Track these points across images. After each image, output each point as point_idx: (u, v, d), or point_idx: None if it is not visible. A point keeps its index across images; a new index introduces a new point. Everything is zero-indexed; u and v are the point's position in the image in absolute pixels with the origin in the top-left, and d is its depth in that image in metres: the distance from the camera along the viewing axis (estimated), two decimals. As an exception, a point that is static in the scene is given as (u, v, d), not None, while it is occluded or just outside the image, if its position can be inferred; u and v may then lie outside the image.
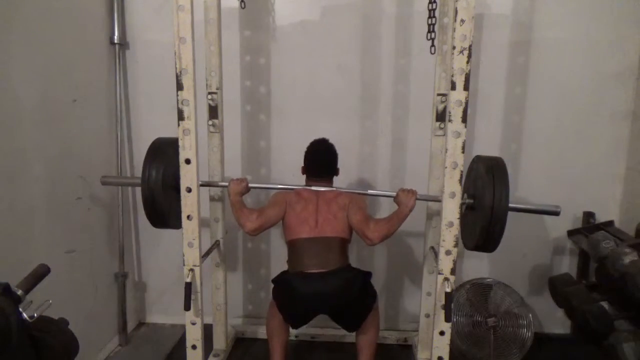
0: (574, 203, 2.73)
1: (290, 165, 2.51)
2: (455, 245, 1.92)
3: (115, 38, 2.65)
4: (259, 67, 2.77)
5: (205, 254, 2.31)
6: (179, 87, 1.90)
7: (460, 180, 1.87)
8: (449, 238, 1.91)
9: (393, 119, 2.78)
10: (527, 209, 2.16)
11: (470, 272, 2.82)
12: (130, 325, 2.93)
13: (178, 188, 2.01)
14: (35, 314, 1.10)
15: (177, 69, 1.88)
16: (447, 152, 1.85)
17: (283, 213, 2.25)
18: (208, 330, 2.42)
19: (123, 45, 2.71)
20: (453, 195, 1.88)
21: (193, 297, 2.07)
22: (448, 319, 1.93)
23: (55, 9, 2.20)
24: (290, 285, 2.17)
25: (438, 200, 2.05)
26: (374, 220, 2.18)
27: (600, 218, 2.73)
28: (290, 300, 2.20)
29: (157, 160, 2.08)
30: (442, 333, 2.00)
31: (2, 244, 1.87)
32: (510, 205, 1.94)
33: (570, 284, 2.48)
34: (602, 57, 2.65)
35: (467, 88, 1.78)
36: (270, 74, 2.77)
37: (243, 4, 2.45)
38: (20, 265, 1.29)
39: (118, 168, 2.73)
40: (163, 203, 2.09)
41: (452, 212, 1.90)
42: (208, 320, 2.41)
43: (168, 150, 2.09)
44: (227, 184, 2.24)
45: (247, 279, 3.04)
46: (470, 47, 1.76)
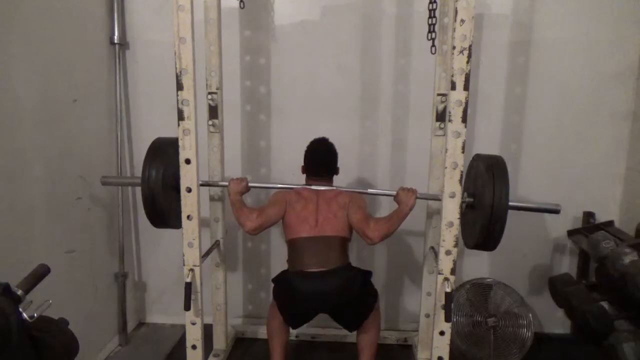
0: (574, 203, 2.72)
1: (290, 165, 2.51)
2: (455, 245, 1.92)
3: (115, 38, 2.65)
4: (259, 67, 2.77)
5: (205, 254, 2.31)
6: (179, 87, 1.90)
7: (460, 181, 1.87)
8: (449, 238, 1.91)
9: (393, 119, 2.78)
10: (527, 207, 2.15)
11: (470, 272, 2.82)
12: (130, 325, 2.93)
13: (178, 188, 2.01)
14: (35, 314, 1.10)
15: (177, 69, 1.88)
16: (447, 152, 1.86)
17: (283, 212, 2.25)
18: (208, 330, 2.43)
19: (123, 45, 2.71)
20: (453, 195, 1.88)
21: (193, 297, 2.07)
22: (448, 319, 1.93)
23: (55, 9, 2.20)
24: (291, 285, 2.17)
25: (438, 199, 2.05)
26: (374, 220, 2.18)
27: (600, 218, 2.73)
28: (291, 300, 2.20)
29: (157, 160, 2.08)
30: (442, 333, 2.00)
31: (2, 244, 1.87)
32: (510, 204, 1.94)
33: (570, 284, 2.48)
34: (602, 57, 2.65)
35: (467, 88, 1.78)
36: (270, 74, 2.77)
37: (242, 4, 2.45)
38: (20, 265, 1.29)
39: (118, 168, 2.73)
40: (163, 203, 2.09)
41: (452, 212, 1.90)
42: (208, 320, 2.41)
43: (168, 150, 2.09)
44: (227, 184, 2.24)
45: (247, 279, 3.04)
46: (470, 47, 1.76)
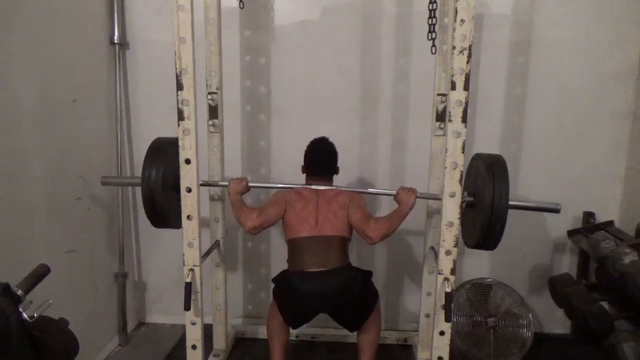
0: (574, 203, 2.72)
1: (290, 165, 2.51)
2: (455, 245, 1.92)
3: (115, 38, 2.65)
4: (259, 67, 2.77)
5: (205, 254, 2.31)
6: (179, 87, 1.90)
7: (460, 181, 1.87)
8: (449, 238, 1.91)
9: (393, 119, 2.78)
10: (527, 207, 2.15)
11: (470, 272, 2.82)
12: (130, 325, 2.93)
13: (178, 188, 2.01)
14: (35, 314, 1.10)
15: (177, 69, 1.88)
16: (447, 152, 1.86)
17: (283, 212, 2.25)
18: (208, 330, 2.43)
19: (123, 45, 2.71)
20: (453, 195, 1.88)
21: (193, 297, 2.07)
22: (448, 319, 1.93)
23: (55, 9, 2.20)
24: (291, 284, 2.17)
25: (438, 199, 2.05)
26: (374, 219, 2.18)
27: (600, 218, 2.73)
28: (291, 299, 2.20)
29: (157, 160, 2.08)
30: (442, 333, 2.00)
31: (2, 244, 1.87)
32: (511, 203, 1.94)
33: (570, 284, 2.48)
34: (602, 57, 2.65)
35: (467, 88, 1.78)
36: (270, 74, 2.77)
37: (242, 4, 2.45)
38: (20, 265, 1.29)
39: (118, 168, 2.73)
40: (163, 203, 2.09)
41: (452, 212, 1.90)
42: (208, 320, 2.41)
43: (168, 150, 2.09)
44: (227, 184, 2.24)
45: (247, 279, 3.04)
46: (470, 47, 1.76)
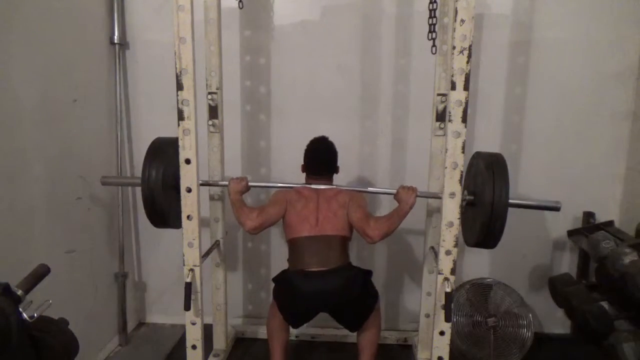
0: (574, 203, 2.72)
1: (290, 165, 2.50)
2: (455, 245, 1.92)
3: (115, 38, 2.65)
4: (259, 67, 2.77)
5: (205, 254, 2.31)
6: (179, 87, 1.90)
7: (461, 181, 1.87)
8: (449, 238, 1.91)
9: (393, 119, 2.78)
10: (527, 205, 2.14)
11: (470, 272, 2.82)
12: (130, 325, 2.93)
13: (178, 188, 2.01)
14: (35, 314, 1.10)
15: (177, 69, 1.88)
16: (447, 152, 1.86)
17: (283, 211, 2.25)
18: (208, 330, 2.42)
19: (123, 45, 2.71)
20: (453, 195, 1.88)
21: (193, 297, 2.07)
22: (448, 319, 1.93)
23: (55, 9, 2.20)
24: (291, 284, 2.17)
25: (438, 197, 2.04)
26: (374, 218, 2.18)
27: (600, 218, 2.73)
28: (291, 299, 2.20)
29: (157, 160, 2.08)
30: (442, 333, 2.00)
31: (2, 244, 1.87)
32: (511, 201, 1.94)
33: (570, 284, 2.48)
34: (602, 57, 2.65)
35: (467, 88, 1.78)
36: (270, 74, 2.77)
37: (241, 4, 2.45)
38: (20, 265, 1.29)
39: (118, 168, 2.73)
40: (163, 203, 2.09)
41: (452, 212, 1.90)
42: (208, 320, 2.41)
43: (168, 150, 2.09)
44: (227, 184, 2.24)
45: (247, 279, 3.04)
46: (470, 47, 1.76)
